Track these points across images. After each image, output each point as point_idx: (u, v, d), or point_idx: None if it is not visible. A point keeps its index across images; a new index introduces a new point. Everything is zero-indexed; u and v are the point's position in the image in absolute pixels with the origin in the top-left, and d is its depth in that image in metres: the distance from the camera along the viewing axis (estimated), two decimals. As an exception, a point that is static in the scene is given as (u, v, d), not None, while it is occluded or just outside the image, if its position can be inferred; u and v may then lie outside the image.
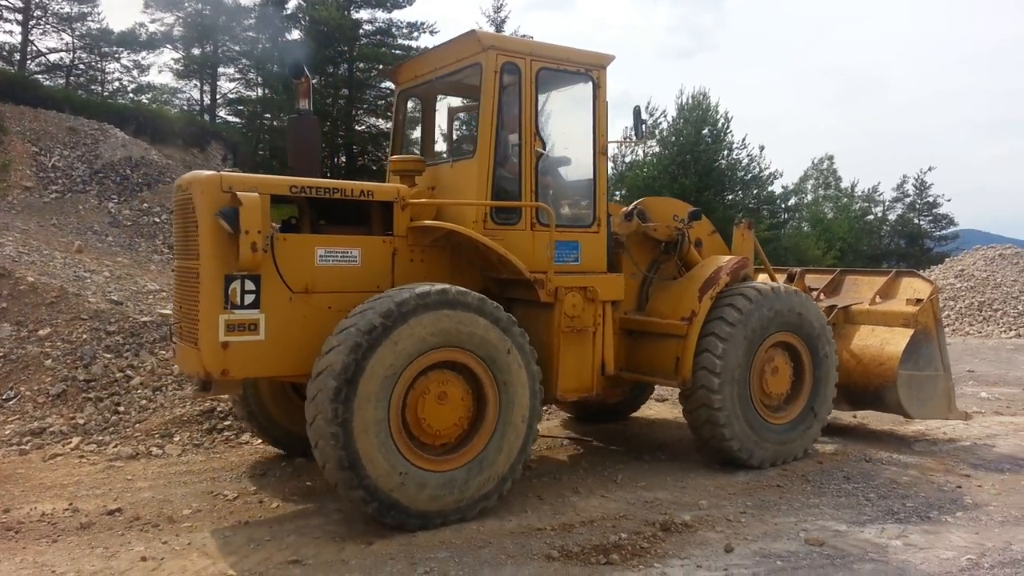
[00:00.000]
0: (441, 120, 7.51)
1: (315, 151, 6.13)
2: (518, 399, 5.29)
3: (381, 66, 32.66)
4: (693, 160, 34.13)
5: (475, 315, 5.12)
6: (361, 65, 33.51)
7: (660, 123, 36.93)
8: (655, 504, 5.47)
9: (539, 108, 6.07)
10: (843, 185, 56.14)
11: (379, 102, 34.10)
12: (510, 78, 5.92)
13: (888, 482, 6.14)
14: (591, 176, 6.33)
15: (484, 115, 5.82)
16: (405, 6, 33.80)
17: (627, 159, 37.44)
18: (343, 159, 34.03)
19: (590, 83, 6.30)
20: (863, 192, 54.62)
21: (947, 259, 25.92)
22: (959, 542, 4.79)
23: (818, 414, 6.92)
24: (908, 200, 52.27)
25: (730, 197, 37.31)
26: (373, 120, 34.07)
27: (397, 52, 33.38)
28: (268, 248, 5.01)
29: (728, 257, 6.95)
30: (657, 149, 36.79)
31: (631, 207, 7.11)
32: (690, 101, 36.36)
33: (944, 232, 50.31)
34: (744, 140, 37.60)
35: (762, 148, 38.03)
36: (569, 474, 6.22)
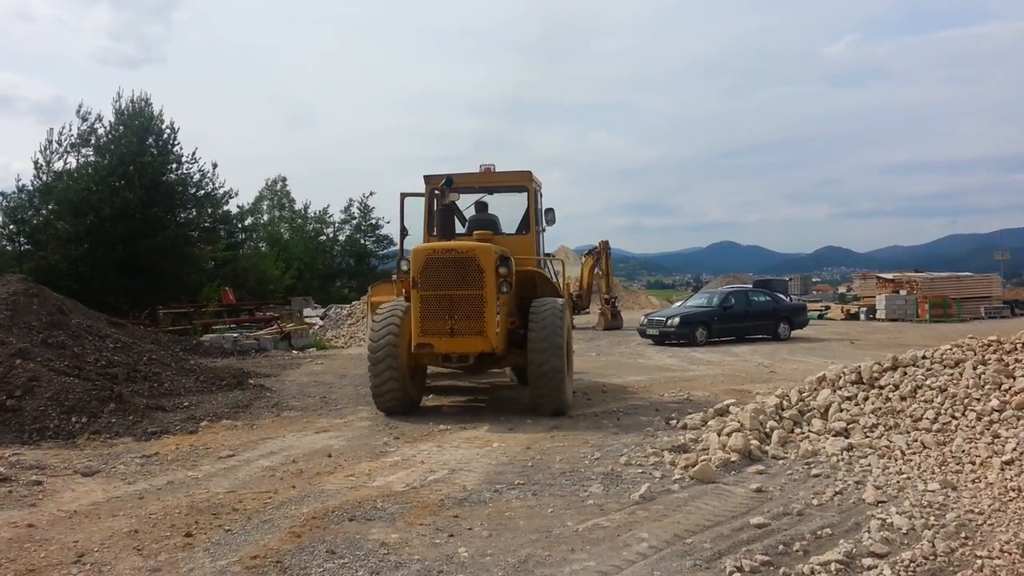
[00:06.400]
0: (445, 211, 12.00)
1: (453, 228, 11.53)
2: (571, 349, 10.95)
3: None
4: (137, 172, 30.22)
5: (569, 311, 11.21)
6: None
7: (96, 128, 32.10)
8: None
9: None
10: (297, 207, 57.30)
11: None
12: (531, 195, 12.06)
13: (379, 546, 5.17)
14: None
15: (531, 214, 11.91)
16: None
17: (55, 167, 31.45)
18: None
19: (536, 193, 12.14)
20: (315, 213, 56.54)
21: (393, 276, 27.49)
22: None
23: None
24: (355, 222, 55.82)
25: (183, 215, 34.31)
26: None
27: None
28: None
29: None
30: (93, 157, 31.80)
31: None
32: (130, 107, 32.38)
33: (386, 251, 54.76)
34: (194, 154, 34.63)
35: (215, 165, 35.56)
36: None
